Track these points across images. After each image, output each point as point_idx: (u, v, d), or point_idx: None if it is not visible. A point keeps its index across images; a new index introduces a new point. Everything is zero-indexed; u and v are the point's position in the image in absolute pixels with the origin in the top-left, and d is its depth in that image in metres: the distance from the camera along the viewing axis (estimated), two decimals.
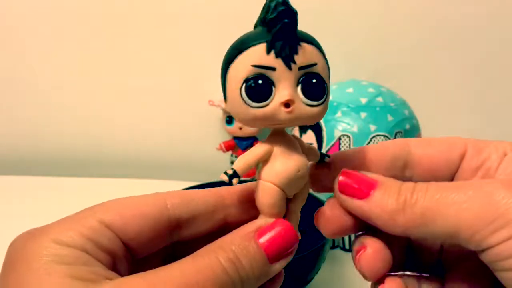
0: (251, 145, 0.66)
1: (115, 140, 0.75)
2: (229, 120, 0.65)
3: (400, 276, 0.23)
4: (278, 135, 0.22)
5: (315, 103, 0.20)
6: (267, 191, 0.21)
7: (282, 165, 0.21)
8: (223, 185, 0.47)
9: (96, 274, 0.17)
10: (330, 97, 0.57)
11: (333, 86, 0.59)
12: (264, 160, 0.22)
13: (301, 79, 0.20)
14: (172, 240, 0.21)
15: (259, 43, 0.20)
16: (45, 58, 0.71)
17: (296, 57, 0.20)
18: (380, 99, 0.56)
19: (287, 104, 0.20)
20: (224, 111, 0.66)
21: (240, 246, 0.18)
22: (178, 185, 0.52)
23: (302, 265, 0.36)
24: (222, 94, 0.66)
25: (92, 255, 0.18)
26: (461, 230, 0.18)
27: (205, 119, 0.72)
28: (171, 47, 0.70)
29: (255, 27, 0.21)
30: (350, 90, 0.57)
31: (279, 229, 0.19)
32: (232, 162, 0.68)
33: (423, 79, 0.68)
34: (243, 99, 0.20)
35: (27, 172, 0.74)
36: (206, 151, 0.71)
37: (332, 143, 0.55)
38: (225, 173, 0.21)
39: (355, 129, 0.54)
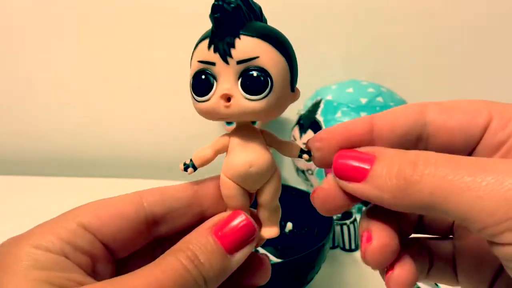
0: None
1: (115, 140, 0.75)
2: None
3: (408, 247, 0.22)
4: (239, 129, 0.22)
5: (255, 97, 0.19)
6: (223, 184, 0.21)
7: (234, 159, 0.21)
8: None
9: (71, 280, 0.17)
10: (330, 97, 0.57)
11: (333, 86, 0.59)
12: (223, 152, 0.22)
13: (242, 73, 0.19)
14: (152, 237, 0.21)
15: (205, 39, 0.20)
16: (45, 58, 0.71)
17: (233, 51, 0.19)
18: (380, 99, 0.56)
19: (228, 99, 0.20)
20: None
21: (198, 244, 0.18)
22: None
23: (302, 265, 0.36)
24: None
25: (71, 259, 0.18)
26: (472, 220, 0.16)
27: (205, 119, 0.72)
28: (171, 46, 0.69)
29: None
30: (350, 90, 0.57)
31: (235, 221, 0.20)
32: None
33: (423, 79, 0.68)
34: (191, 94, 0.21)
35: (27, 172, 0.74)
36: None
37: None
38: (184, 163, 0.22)
39: None
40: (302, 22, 0.66)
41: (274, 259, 0.46)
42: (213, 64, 0.20)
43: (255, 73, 0.19)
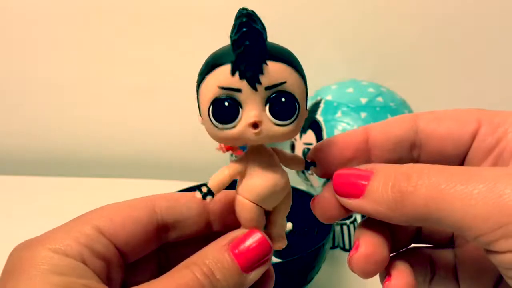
0: None
1: (115, 140, 0.75)
2: None
3: (408, 256, 0.22)
4: (254, 151, 0.21)
5: (284, 122, 0.19)
6: (243, 206, 0.21)
7: (257, 181, 0.21)
8: None
9: (89, 287, 0.17)
10: (330, 97, 0.57)
11: (333, 86, 0.59)
12: (239, 176, 0.22)
13: (270, 98, 0.19)
14: (160, 242, 0.22)
15: (225, 63, 0.19)
16: (45, 58, 0.71)
17: (261, 77, 0.19)
18: (380, 99, 0.56)
19: (255, 125, 0.19)
20: None
21: (214, 259, 0.19)
22: (178, 185, 0.52)
23: (302, 265, 0.36)
24: None
25: (89, 264, 0.18)
26: (466, 228, 0.17)
27: None
28: (171, 46, 0.70)
29: None
30: (350, 90, 0.57)
31: (252, 240, 0.20)
32: None
33: (423, 79, 0.68)
34: (211, 121, 0.20)
35: (27, 172, 0.74)
36: (206, 151, 0.71)
37: None
38: (200, 190, 0.21)
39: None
40: (302, 22, 0.67)
41: (274, 259, 0.46)
42: (238, 90, 0.19)
43: (284, 99, 0.19)
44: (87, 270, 0.18)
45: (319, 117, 0.56)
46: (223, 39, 0.66)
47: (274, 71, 0.19)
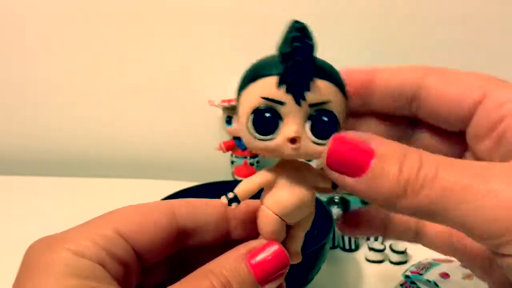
0: None
1: (115, 140, 0.75)
2: (229, 120, 0.65)
3: None
4: (285, 164, 0.21)
5: (322, 141, 0.19)
6: (266, 217, 0.21)
7: (284, 195, 0.21)
8: (221, 186, 0.47)
9: None
10: None
11: None
12: (267, 186, 0.21)
13: (311, 116, 0.19)
14: (178, 247, 0.21)
15: (271, 74, 0.19)
16: (45, 58, 0.71)
17: (307, 94, 0.19)
18: None
19: (293, 140, 0.19)
20: (224, 111, 0.65)
21: (231, 269, 0.18)
22: (178, 185, 0.52)
23: (302, 265, 0.36)
24: (222, 94, 0.67)
25: (107, 267, 0.18)
26: (473, 230, 0.16)
27: (205, 119, 0.72)
28: (171, 46, 0.70)
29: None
30: None
31: (270, 251, 0.19)
32: (232, 162, 0.68)
33: None
34: (249, 130, 0.20)
35: (27, 172, 0.74)
36: (206, 151, 0.71)
37: None
38: (226, 196, 0.21)
39: None
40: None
41: None
42: (282, 103, 0.19)
43: (326, 118, 0.19)
44: (105, 273, 0.18)
45: None
46: (223, 40, 0.66)
47: (320, 89, 0.19)
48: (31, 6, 0.69)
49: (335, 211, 0.50)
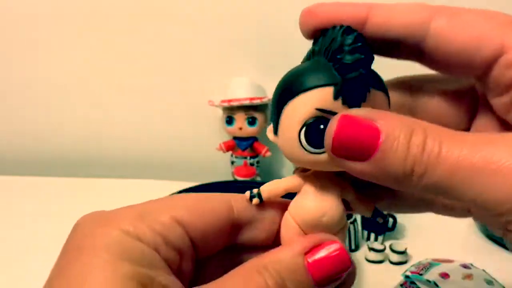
0: (251, 145, 0.66)
1: (115, 140, 0.75)
2: (229, 120, 0.65)
3: None
4: (320, 174, 0.20)
5: None
6: (287, 225, 0.20)
7: (306, 204, 0.20)
8: (221, 186, 0.47)
9: (157, 282, 0.16)
10: None
11: None
12: (293, 191, 0.20)
13: None
14: (230, 242, 0.20)
15: (326, 85, 0.18)
16: (46, 58, 0.71)
17: (363, 105, 0.18)
18: None
19: None
20: (224, 111, 0.65)
21: (287, 267, 0.17)
22: (178, 185, 0.53)
23: None
24: (222, 94, 0.66)
25: (161, 253, 0.17)
26: (486, 206, 0.15)
27: (205, 119, 0.72)
28: (171, 47, 0.70)
29: (311, 52, 0.20)
30: None
31: (330, 250, 0.18)
32: (232, 162, 0.68)
33: None
34: (300, 143, 0.18)
35: (27, 172, 0.74)
36: (206, 151, 0.71)
37: None
38: (250, 191, 0.21)
39: None
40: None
41: None
42: (336, 114, 0.18)
43: None
44: (159, 259, 0.17)
45: None
46: (223, 40, 0.66)
47: (375, 100, 0.18)
48: (32, 6, 0.69)
49: None
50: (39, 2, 0.68)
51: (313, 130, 0.18)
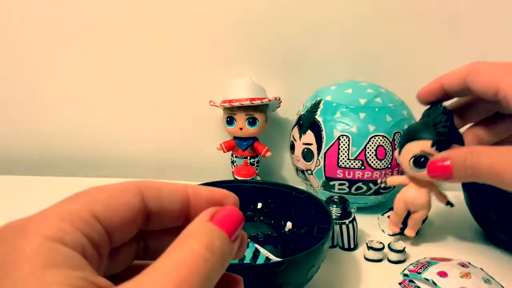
0: (251, 145, 0.66)
1: (115, 140, 0.75)
2: (230, 120, 0.65)
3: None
4: (419, 179, 0.47)
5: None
6: (398, 201, 0.50)
7: (410, 193, 0.48)
8: (222, 186, 0.47)
9: (89, 281, 0.16)
10: (329, 98, 0.57)
11: (332, 87, 0.60)
12: (406, 184, 0.49)
13: None
14: (139, 229, 0.21)
15: (428, 139, 0.41)
16: (45, 58, 0.72)
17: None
18: (379, 99, 0.56)
19: None
20: (225, 112, 0.66)
21: (207, 231, 0.18)
22: None
23: (302, 264, 0.37)
24: (222, 94, 0.67)
25: (87, 253, 0.17)
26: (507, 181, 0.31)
27: (205, 119, 0.72)
28: (171, 47, 0.70)
29: (426, 115, 0.42)
30: (349, 91, 0.57)
31: (227, 210, 0.20)
32: (232, 162, 0.68)
33: (422, 80, 0.68)
34: (409, 164, 0.44)
35: (27, 172, 0.74)
36: (206, 151, 0.72)
37: (331, 143, 0.55)
38: (382, 180, 0.52)
39: (354, 129, 0.54)
40: (302, 23, 0.67)
41: (274, 258, 0.47)
42: (432, 154, 0.41)
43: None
44: (84, 261, 0.17)
45: (318, 117, 0.56)
46: (223, 40, 0.67)
47: (453, 147, 0.40)
48: (32, 6, 0.69)
49: (334, 210, 0.51)
50: (39, 2, 0.69)
51: (417, 160, 0.43)
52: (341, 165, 0.55)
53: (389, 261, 0.49)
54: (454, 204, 0.47)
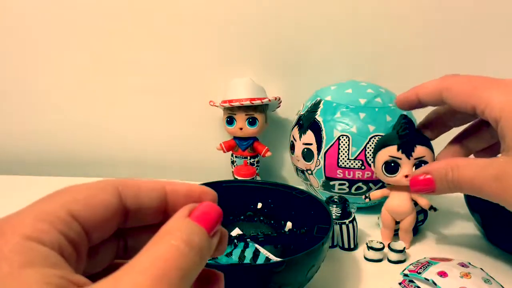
0: (251, 146, 0.66)
1: (115, 140, 0.75)
2: (230, 120, 0.65)
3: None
4: (398, 187, 0.49)
5: None
6: (384, 213, 0.51)
7: (393, 203, 0.50)
8: (222, 185, 0.47)
9: (67, 280, 0.16)
10: (329, 98, 0.57)
11: (332, 87, 0.60)
12: (387, 195, 0.51)
13: (415, 164, 0.45)
14: (117, 227, 0.21)
15: (394, 144, 0.45)
16: (45, 58, 0.72)
17: (413, 153, 0.45)
18: (379, 99, 0.56)
19: (407, 176, 0.46)
20: (225, 112, 0.66)
21: (185, 228, 0.19)
22: None
23: (302, 264, 0.37)
24: (222, 94, 0.67)
25: (65, 252, 0.17)
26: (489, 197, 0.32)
27: (205, 119, 0.72)
28: (171, 47, 0.70)
29: (396, 126, 0.46)
30: (349, 90, 0.57)
31: (205, 206, 0.20)
32: (232, 162, 0.68)
33: (421, 80, 0.68)
34: (382, 172, 0.47)
35: (28, 172, 0.74)
36: (206, 151, 0.72)
37: (331, 143, 0.55)
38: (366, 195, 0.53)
39: (354, 129, 0.54)
40: (302, 23, 0.67)
41: (274, 258, 0.47)
42: (400, 159, 0.46)
43: (423, 165, 0.43)
44: (62, 260, 0.17)
45: (318, 117, 0.56)
46: (223, 40, 0.67)
47: (420, 150, 0.45)
48: (32, 7, 0.69)
49: (334, 210, 0.51)
50: (40, 2, 0.69)
51: (388, 166, 0.46)
52: (341, 165, 0.55)
53: (389, 261, 0.49)
54: (437, 208, 0.49)
